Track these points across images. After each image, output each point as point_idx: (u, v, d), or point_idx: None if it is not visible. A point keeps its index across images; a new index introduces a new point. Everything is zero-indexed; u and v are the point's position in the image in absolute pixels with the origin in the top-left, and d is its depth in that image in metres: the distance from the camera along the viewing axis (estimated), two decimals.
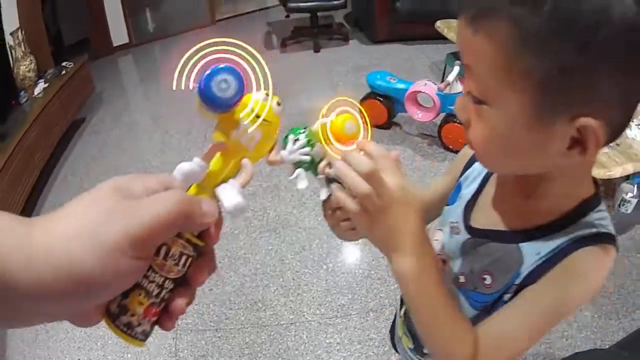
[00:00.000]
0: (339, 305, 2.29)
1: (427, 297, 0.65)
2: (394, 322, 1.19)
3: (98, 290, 0.39)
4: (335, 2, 5.16)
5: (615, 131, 0.60)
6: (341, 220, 0.75)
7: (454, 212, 0.84)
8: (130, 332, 0.45)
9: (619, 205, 2.87)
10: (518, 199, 0.73)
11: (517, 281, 0.70)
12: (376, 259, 2.54)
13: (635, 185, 2.82)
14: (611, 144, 2.48)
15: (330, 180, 0.68)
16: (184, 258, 0.46)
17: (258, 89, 0.55)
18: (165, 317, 0.47)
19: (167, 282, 0.46)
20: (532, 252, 0.69)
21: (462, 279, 0.79)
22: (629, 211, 2.86)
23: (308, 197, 2.98)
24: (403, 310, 1.01)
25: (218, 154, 0.53)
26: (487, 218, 0.78)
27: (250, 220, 2.81)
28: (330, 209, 0.74)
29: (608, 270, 0.67)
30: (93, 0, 5.26)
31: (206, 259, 0.49)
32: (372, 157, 0.61)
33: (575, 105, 0.56)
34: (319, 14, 5.36)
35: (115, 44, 5.63)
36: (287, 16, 5.72)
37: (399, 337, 1.05)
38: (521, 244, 0.71)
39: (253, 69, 0.52)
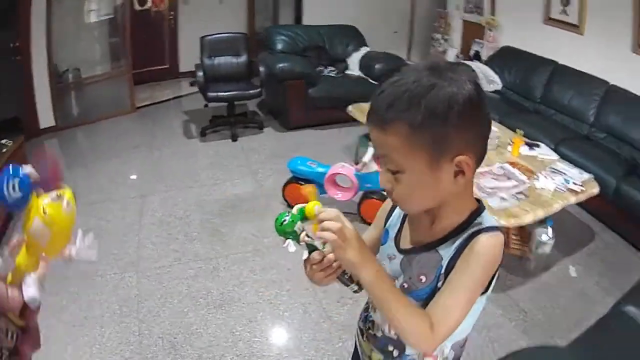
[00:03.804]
0: None
1: (386, 295, 1.02)
2: (353, 356, 1.57)
3: None
4: (252, 92, 5.73)
5: (482, 156, 1.03)
6: (317, 272, 1.12)
7: (389, 248, 1.23)
8: None
9: (536, 248, 3.46)
10: (427, 224, 1.13)
11: (442, 271, 1.07)
12: (318, 323, 2.97)
13: (550, 228, 3.44)
14: (520, 196, 3.15)
15: (307, 245, 1.07)
16: (10, 332, 0.61)
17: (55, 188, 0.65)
18: None
19: (3, 349, 0.61)
20: (446, 251, 1.08)
21: (405, 285, 1.15)
22: (546, 252, 3.50)
23: (245, 277, 3.36)
24: (365, 335, 1.39)
25: (24, 248, 0.63)
26: (410, 240, 1.18)
27: (197, 299, 3.14)
28: (309, 264, 1.12)
29: (499, 245, 1.05)
30: (26, 80, 5.31)
31: (30, 336, 0.65)
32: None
33: (452, 152, 0.97)
34: (235, 102, 5.86)
35: (42, 127, 5.67)
36: (206, 105, 6.10)
37: (367, 359, 1.42)
38: (437, 248, 1.10)
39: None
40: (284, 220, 1.04)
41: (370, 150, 3.76)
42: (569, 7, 5.29)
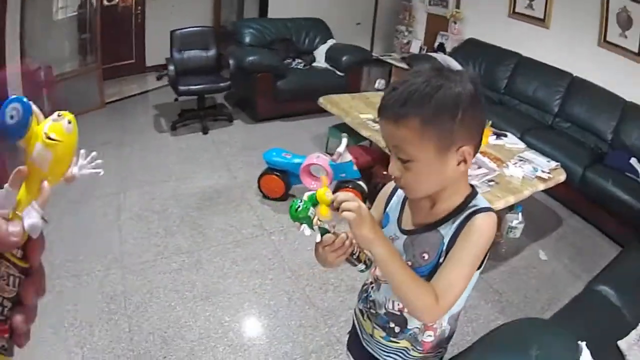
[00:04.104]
0: (283, 353, 2.77)
1: (397, 268, 1.13)
2: (349, 340, 1.70)
3: None
4: (222, 85, 5.79)
5: (479, 146, 1.18)
6: (330, 253, 1.21)
7: (390, 230, 1.34)
8: None
9: (507, 233, 3.68)
10: (427, 207, 1.26)
11: (444, 248, 1.20)
12: (303, 310, 3.08)
13: (519, 213, 3.68)
14: (491, 184, 3.32)
15: (320, 228, 1.14)
16: (11, 278, 0.55)
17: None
18: (14, 334, 0.56)
19: (4, 301, 0.54)
20: (446, 230, 1.21)
21: (409, 263, 1.25)
22: (517, 236, 3.78)
23: (228, 268, 3.44)
24: (366, 315, 1.51)
25: (24, 183, 0.60)
26: (412, 222, 1.30)
27: (183, 292, 3.19)
28: (322, 246, 1.16)
29: (493, 223, 1.19)
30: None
31: (34, 280, 0.59)
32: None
33: (457, 144, 1.11)
34: (205, 96, 5.90)
35: None
36: (176, 99, 6.12)
37: (368, 337, 1.52)
38: (439, 228, 1.22)
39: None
40: (298, 207, 1.12)
41: (345, 141, 3.88)
42: (535, 1, 5.50)
